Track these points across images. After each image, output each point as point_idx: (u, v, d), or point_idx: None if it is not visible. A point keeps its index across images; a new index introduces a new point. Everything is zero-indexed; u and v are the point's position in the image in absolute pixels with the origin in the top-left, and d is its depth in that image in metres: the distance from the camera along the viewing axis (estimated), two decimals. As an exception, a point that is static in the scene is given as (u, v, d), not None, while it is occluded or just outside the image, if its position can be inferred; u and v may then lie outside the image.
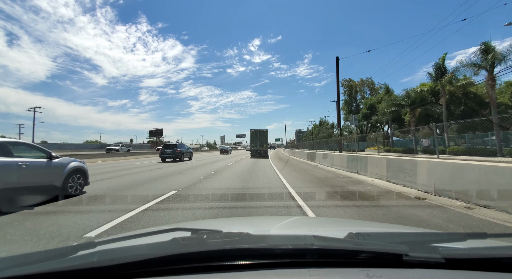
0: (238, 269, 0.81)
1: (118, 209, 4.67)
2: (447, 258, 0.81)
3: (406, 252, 0.82)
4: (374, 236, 1.14)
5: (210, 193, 6.30)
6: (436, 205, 5.12)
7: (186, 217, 4.31)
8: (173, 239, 0.91)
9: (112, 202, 5.43)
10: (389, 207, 5.00)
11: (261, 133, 29.33)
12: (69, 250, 0.89)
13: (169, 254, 0.79)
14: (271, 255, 0.84)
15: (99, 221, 3.96)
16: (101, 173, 11.20)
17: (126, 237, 1.16)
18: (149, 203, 5.19)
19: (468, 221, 4.11)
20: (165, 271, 0.79)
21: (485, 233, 1.00)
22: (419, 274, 0.77)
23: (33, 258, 0.84)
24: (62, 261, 0.80)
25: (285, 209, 4.85)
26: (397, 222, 3.97)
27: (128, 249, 0.93)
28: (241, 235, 0.95)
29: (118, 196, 6.05)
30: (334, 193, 6.55)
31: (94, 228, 3.65)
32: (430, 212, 4.62)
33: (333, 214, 4.54)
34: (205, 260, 0.81)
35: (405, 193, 6.42)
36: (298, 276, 0.76)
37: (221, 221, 2.49)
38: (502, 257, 0.85)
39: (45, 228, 3.65)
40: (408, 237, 1.11)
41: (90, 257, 0.80)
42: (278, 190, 6.84)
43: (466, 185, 5.29)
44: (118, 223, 3.87)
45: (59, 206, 5.08)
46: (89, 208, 4.96)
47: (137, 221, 4.00)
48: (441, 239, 1.06)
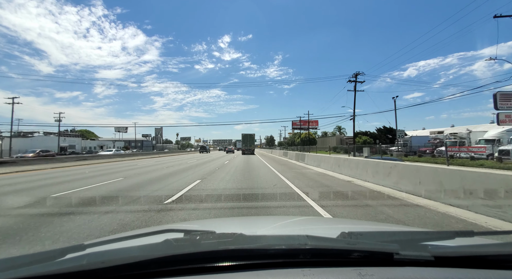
0: (231, 270, 0.80)
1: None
2: (436, 256, 0.83)
3: (397, 251, 0.83)
4: (366, 235, 1.16)
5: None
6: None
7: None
8: (166, 240, 0.90)
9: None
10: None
11: (250, 137, 42.37)
12: (57, 253, 0.86)
13: (161, 255, 0.78)
14: (264, 255, 0.84)
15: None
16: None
17: (117, 239, 1.14)
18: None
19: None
20: (157, 273, 0.77)
21: (472, 231, 1.03)
22: (409, 272, 0.79)
23: (19, 262, 0.81)
24: (50, 265, 0.77)
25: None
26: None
27: (119, 251, 0.91)
28: (235, 235, 0.95)
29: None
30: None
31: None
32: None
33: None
34: (198, 261, 0.80)
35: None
36: (292, 276, 0.76)
37: (215, 222, 2.47)
38: (487, 255, 0.87)
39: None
40: (399, 236, 1.13)
41: (79, 260, 0.78)
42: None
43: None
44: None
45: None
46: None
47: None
48: (431, 238, 1.08)
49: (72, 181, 9.31)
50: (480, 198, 4.44)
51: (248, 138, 41.91)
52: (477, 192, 4.52)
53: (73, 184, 8.41)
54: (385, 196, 6.12)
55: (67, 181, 9.16)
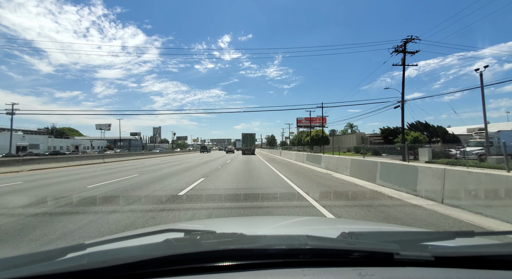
0: (232, 269, 0.80)
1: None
2: (436, 256, 0.83)
3: (397, 251, 0.83)
4: (366, 235, 1.16)
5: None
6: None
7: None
8: (166, 240, 0.90)
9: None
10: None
11: (250, 136, 41.94)
12: (58, 252, 0.86)
13: (162, 255, 0.78)
14: (264, 255, 0.84)
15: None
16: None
17: (118, 238, 1.14)
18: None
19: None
20: (158, 273, 0.78)
21: (473, 232, 1.03)
22: (409, 272, 0.79)
23: (19, 261, 0.81)
24: (51, 264, 0.77)
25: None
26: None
27: (119, 251, 0.91)
28: (235, 235, 0.95)
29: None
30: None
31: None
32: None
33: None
34: (198, 261, 0.81)
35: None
36: (292, 276, 0.76)
37: (215, 222, 2.47)
38: (488, 255, 0.87)
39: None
40: (399, 236, 1.13)
41: (80, 260, 0.78)
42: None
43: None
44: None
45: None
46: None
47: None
48: (431, 238, 1.08)
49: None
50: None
51: (248, 138, 41.52)
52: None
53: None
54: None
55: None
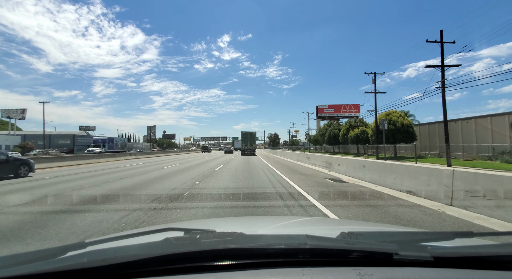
0: (231, 268, 0.80)
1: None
2: (435, 256, 0.83)
3: (396, 251, 0.83)
4: (366, 235, 1.16)
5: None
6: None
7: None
8: (166, 239, 0.90)
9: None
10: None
11: (251, 135, 38.37)
12: (58, 250, 0.87)
13: (162, 254, 0.78)
14: (264, 254, 0.85)
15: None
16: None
17: (118, 237, 1.15)
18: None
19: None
20: (157, 272, 0.78)
21: (472, 232, 1.03)
22: (408, 272, 0.79)
23: (20, 259, 0.82)
24: (51, 262, 0.78)
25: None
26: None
27: (119, 249, 0.91)
28: (234, 234, 0.95)
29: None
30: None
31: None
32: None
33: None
34: (198, 260, 0.81)
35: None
36: (291, 275, 0.77)
37: (215, 221, 2.48)
38: (487, 256, 0.87)
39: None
40: (398, 236, 1.13)
41: (80, 258, 0.78)
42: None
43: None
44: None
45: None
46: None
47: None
48: (430, 238, 1.08)
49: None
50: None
51: (248, 136, 38.11)
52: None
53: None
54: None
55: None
